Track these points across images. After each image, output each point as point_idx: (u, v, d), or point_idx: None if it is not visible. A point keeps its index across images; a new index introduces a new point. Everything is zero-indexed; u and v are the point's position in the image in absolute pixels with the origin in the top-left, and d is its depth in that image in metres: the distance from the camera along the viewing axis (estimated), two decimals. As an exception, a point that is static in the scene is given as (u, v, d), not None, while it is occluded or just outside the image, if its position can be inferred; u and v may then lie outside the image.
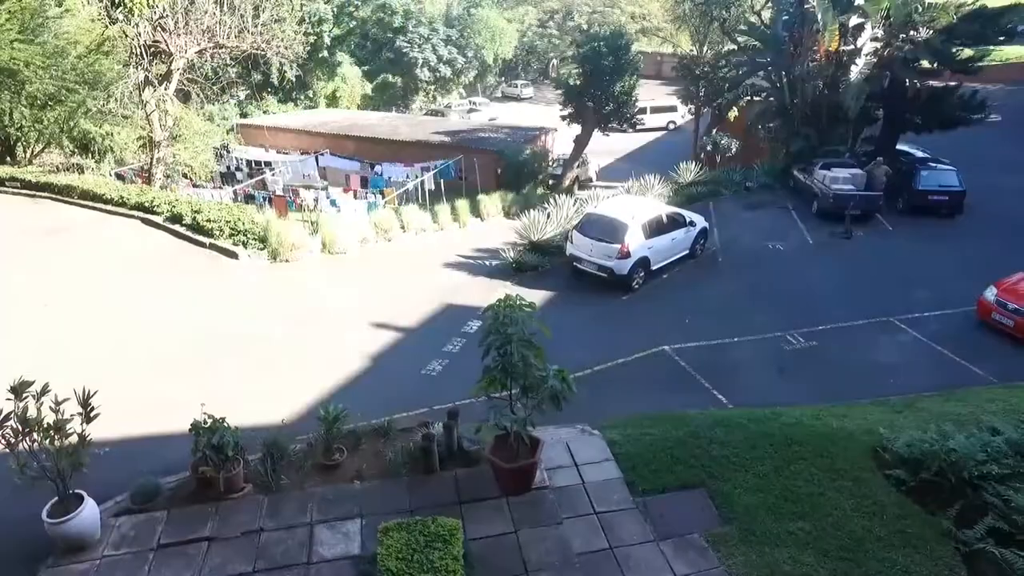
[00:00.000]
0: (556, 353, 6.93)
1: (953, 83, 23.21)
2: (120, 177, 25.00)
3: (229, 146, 31.11)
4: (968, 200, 20.51)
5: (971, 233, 19.26)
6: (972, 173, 21.62)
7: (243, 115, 36.30)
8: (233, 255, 17.23)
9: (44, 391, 5.98)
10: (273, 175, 27.54)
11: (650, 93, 44.01)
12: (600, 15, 57.06)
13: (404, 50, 44.80)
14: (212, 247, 17.59)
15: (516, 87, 59.55)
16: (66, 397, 6.03)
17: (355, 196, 23.90)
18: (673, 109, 42.84)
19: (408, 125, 34.28)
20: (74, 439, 6.08)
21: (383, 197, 23.54)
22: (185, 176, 26.50)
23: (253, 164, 29.61)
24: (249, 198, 24.73)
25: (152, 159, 24.90)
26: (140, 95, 24.00)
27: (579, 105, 27.20)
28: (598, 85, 26.30)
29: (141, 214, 19.50)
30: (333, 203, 22.89)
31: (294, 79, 36.11)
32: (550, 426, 7.90)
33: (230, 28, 26.73)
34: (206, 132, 28.54)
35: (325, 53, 39.19)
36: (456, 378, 10.98)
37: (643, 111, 31.11)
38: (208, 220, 17.93)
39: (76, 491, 6.34)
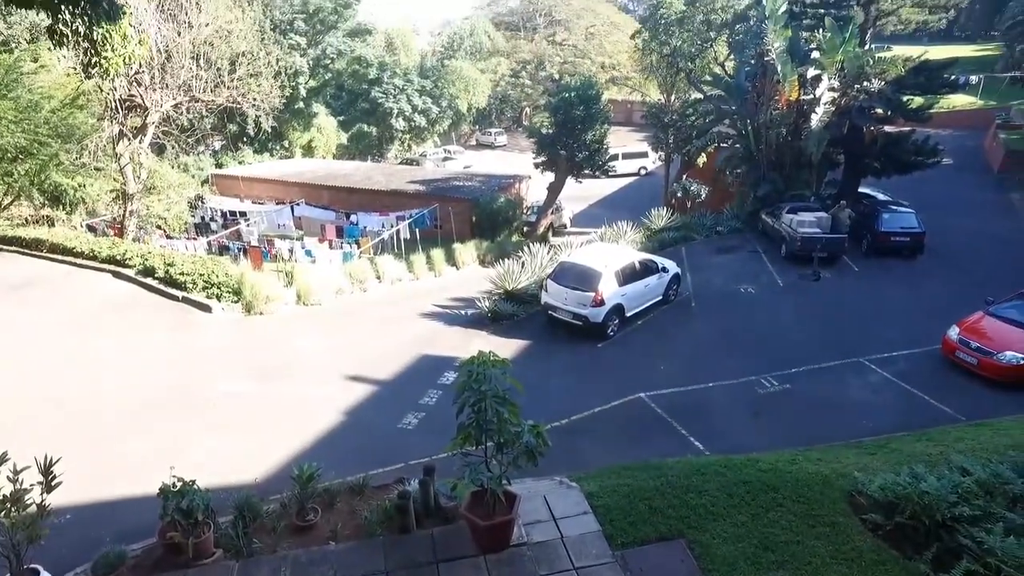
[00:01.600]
0: (532, 403, 6.94)
1: (907, 129, 24.39)
2: (92, 229, 24.77)
3: (204, 197, 31.09)
4: (928, 241, 21.23)
5: (932, 273, 19.87)
6: (930, 214, 22.44)
7: (218, 165, 36.37)
8: (206, 308, 17.05)
9: (1, 460, 5.79)
10: (248, 225, 27.51)
11: (621, 140, 45.21)
12: (571, 65, 58.82)
13: (379, 100, 45.54)
14: (185, 300, 17.42)
15: (490, 135, 60.64)
16: (26, 465, 5.84)
17: (330, 246, 23.91)
18: (644, 155, 43.90)
19: (383, 174, 34.60)
20: (32, 510, 5.84)
21: (358, 247, 23.60)
22: (159, 228, 26.35)
23: (228, 214, 29.57)
24: (223, 249, 24.62)
25: (125, 211, 24.78)
26: (114, 148, 24.01)
27: (552, 153, 27.76)
28: (570, 134, 26.92)
29: (112, 267, 19.31)
30: (308, 253, 22.87)
31: (270, 130, 36.42)
32: (528, 479, 7.84)
33: (206, 82, 27.05)
34: (181, 183, 28.54)
35: (301, 104, 39.66)
36: (432, 431, 10.88)
37: (615, 157, 31.83)
38: (181, 273, 17.80)
39: (31, 566, 6.05)
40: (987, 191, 29.80)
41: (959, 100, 43.53)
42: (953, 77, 24.02)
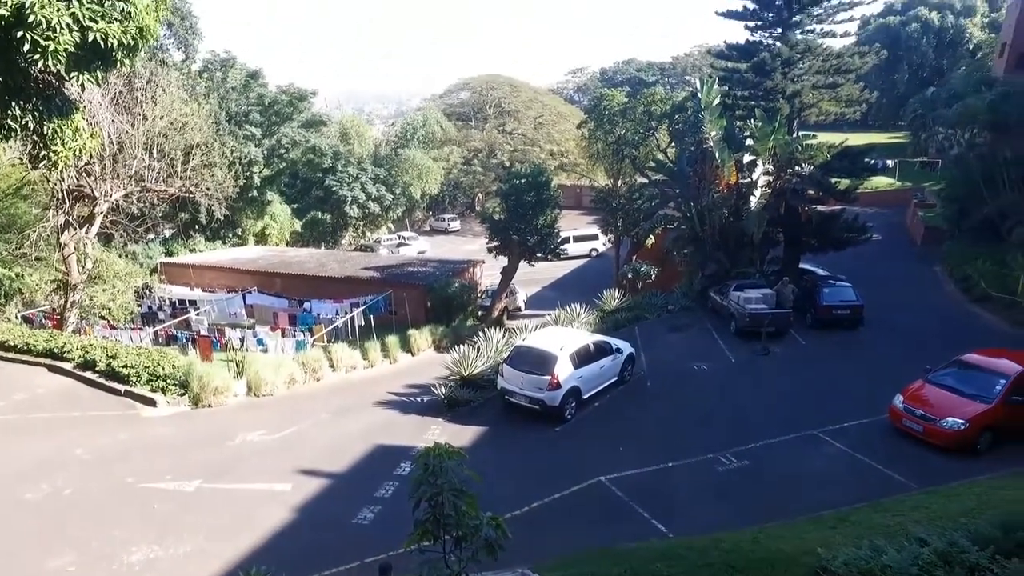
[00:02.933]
0: (491, 492, 6.79)
1: (838, 208, 26.02)
2: (28, 321, 23.79)
3: (152, 286, 30.36)
4: (866, 312, 22.23)
5: (873, 343, 20.69)
6: (865, 287, 23.61)
7: (168, 254, 35.77)
8: (151, 402, 16.35)
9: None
10: (198, 314, 26.85)
11: (572, 223, 46.56)
12: (521, 153, 61.10)
13: (333, 188, 46.07)
14: (127, 394, 16.69)
15: (444, 221, 61.66)
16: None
17: (283, 334, 23.43)
18: (595, 237, 45.17)
19: (337, 261, 34.56)
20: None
21: (312, 335, 23.21)
22: (102, 318, 25.48)
23: (177, 303, 28.85)
24: (171, 339, 23.85)
25: (66, 302, 23.95)
26: (58, 238, 23.47)
27: (505, 238, 28.32)
28: (522, 219, 27.61)
29: (49, 361, 18.48)
30: (260, 342, 22.35)
31: (223, 218, 36.27)
32: (487, 573, 7.55)
33: (159, 173, 27.04)
34: (128, 273, 27.89)
35: (255, 193, 39.78)
36: (389, 526, 10.45)
37: (566, 240, 32.63)
38: (125, 366, 17.13)
39: None
40: (913, 264, 31.68)
41: (880, 181, 46.80)
42: (872, 161, 26.04)
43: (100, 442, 14.15)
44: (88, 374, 17.69)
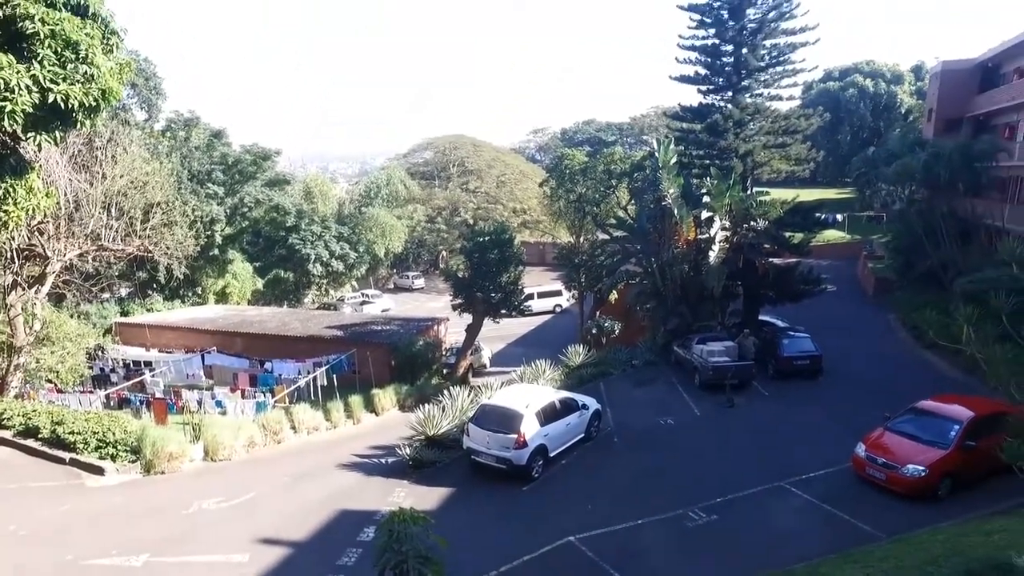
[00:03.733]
0: (458, 556, 6.59)
1: (793, 261, 26.93)
2: (-34, 388, 22.60)
3: (105, 347, 29.32)
4: (825, 362, 22.75)
5: (833, 392, 21.08)
6: (823, 337, 24.22)
7: (124, 313, 34.72)
8: (98, 471, 15.56)
9: None
10: (153, 376, 25.98)
11: (536, 279, 46.97)
12: (484, 211, 61.95)
13: (297, 247, 45.79)
14: (73, 463, 15.87)
15: (408, 278, 61.58)
16: None
17: (243, 396, 22.79)
18: (559, 293, 45.57)
19: (300, 320, 34.05)
20: None
21: (273, 396, 22.62)
22: (49, 382, 24.38)
23: (132, 365, 27.90)
24: (124, 402, 22.95)
25: (9, 366, 22.89)
26: (4, 298, 22.63)
27: (469, 295, 28.40)
28: (486, 276, 27.80)
29: (-12, 430, 17.48)
30: (219, 404, 21.66)
31: (182, 277, 35.58)
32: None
33: (117, 232, 26.51)
34: (80, 334, 26.91)
35: (216, 251, 39.25)
36: (352, 595, 10.00)
37: (530, 297, 32.88)
38: (71, 432, 16.33)
39: None
40: (867, 313, 32.76)
41: (831, 235, 48.83)
42: (823, 216, 27.20)
43: (39, 516, 13.34)
44: (30, 442, 16.80)
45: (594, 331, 30.84)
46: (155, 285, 37.41)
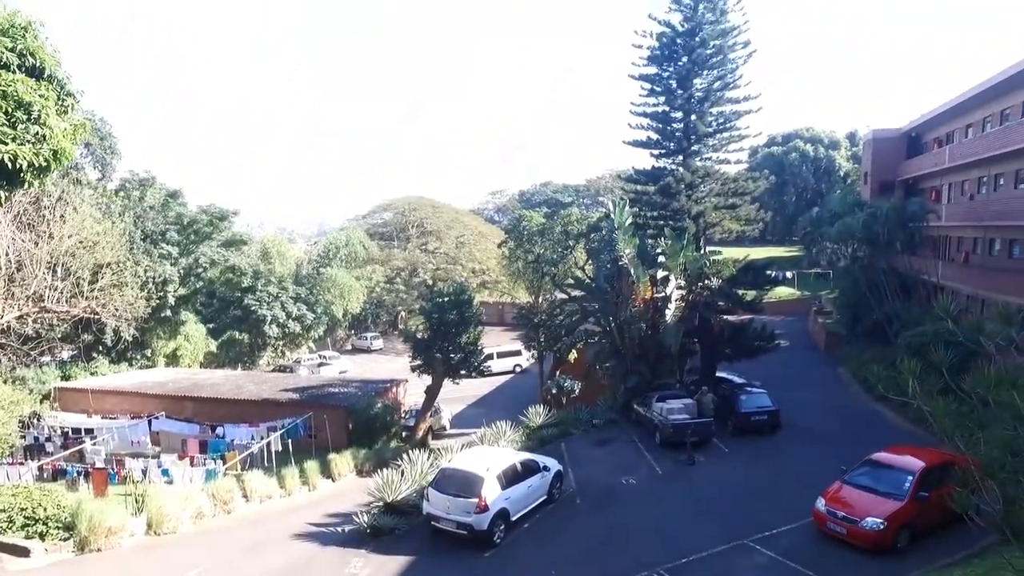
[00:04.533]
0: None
1: (747, 318, 27.64)
2: None
3: (41, 414, 27.79)
4: (783, 416, 23.15)
5: (791, 446, 21.38)
6: (779, 392, 24.71)
7: (65, 377, 33.10)
8: (23, 552, 14.47)
9: None
10: (94, 444, 24.63)
11: (495, 339, 46.88)
12: (443, 271, 62.09)
13: (252, 308, 44.86)
14: (-3, 544, 14.76)
15: (366, 339, 60.73)
16: None
17: (192, 463, 21.78)
18: (518, 353, 45.48)
19: (254, 383, 33.06)
20: None
21: (224, 463, 21.68)
22: (-27, 454, 22.85)
23: (71, 433, 26.44)
24: (60, 473, 21.65)
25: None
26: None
27: (428, 356, 28.17)
28: (445, 337, 27.69)
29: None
30: (165, 473, 20.62)
31: (131, 339, 34.32)
32: None
33: (62, 293, 25.64)
34: (14, 401, 25.49)
35: (168, 312, 38.12)
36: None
37: (490, 357, 32.68)
38: (-4, 510, 15.24)
39: None
40: (819, 367, 33.64)
41: (782, 291, 50.52)
42: (773, 274, 28.16)
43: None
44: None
45: (554, 391, 30.76)
46: (101, 348, 36.00)
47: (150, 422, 26.72)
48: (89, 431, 26.24)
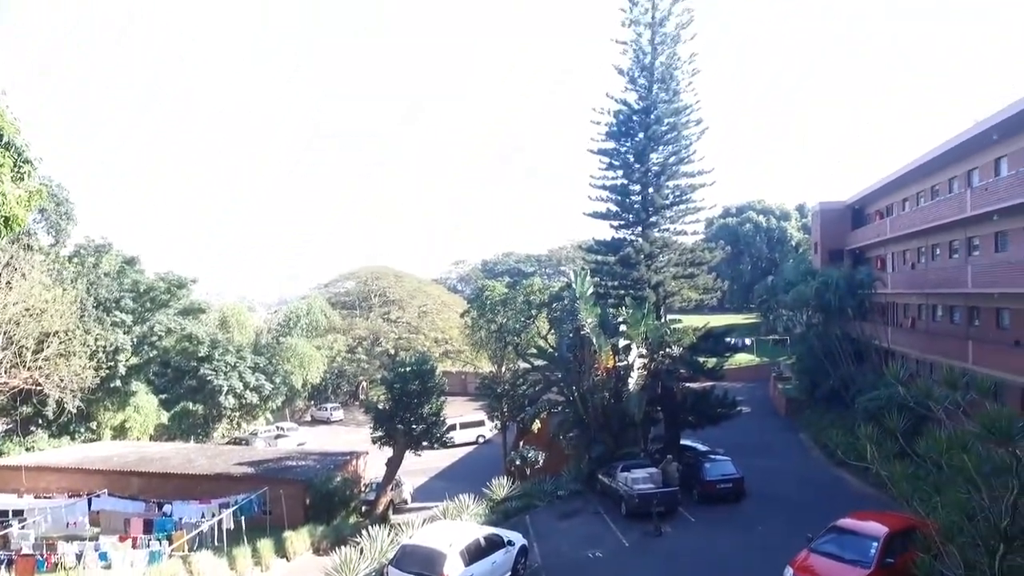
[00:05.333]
0: None
1: (709, 385, 27.97)
2: None
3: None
4: (747, 484, 23.14)
5: (757, 514, 21.29)
6: (742, 459, 24.81)
7: (-3, 454, 31.27)
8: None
9: None
10: (22, 527, 23.01)
11: (458, 410, 46.21)
12: (406, 341, 61.54)
13: (208, 378, 43.52)
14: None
15: (326, 410, 59.18)
16: None
17: (134, 545, 20.51)
18: (481, 424, 44.82)
19: (207, 456, 31.71)
20: None
21: (170, 543, 20.48)
22: None
23: (-3, 515, 24.72)
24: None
25: None
26: None
27: (389, 427, 27.61)
28: (407, 408, 27.28)
29: None
30: (103, 557, 19.37)
31: (75, 411, 32.75)
32: None
33: (1, 363, 24.55)
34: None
35: (118, 383, 36.67)
36: None
37: (452, 428, 32.21)
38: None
39: None
40: (781, 433, 33.98)
41: (742, 358, 51.40)
42: (733, 341, 28.80)
43: None
44: None
45: (518, 462, 30.26)
46: (41, 421, 34.21)
47: (90, 501, 25.24)
48: (18, 513, 24.59)
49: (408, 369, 27.66)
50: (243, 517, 22.62)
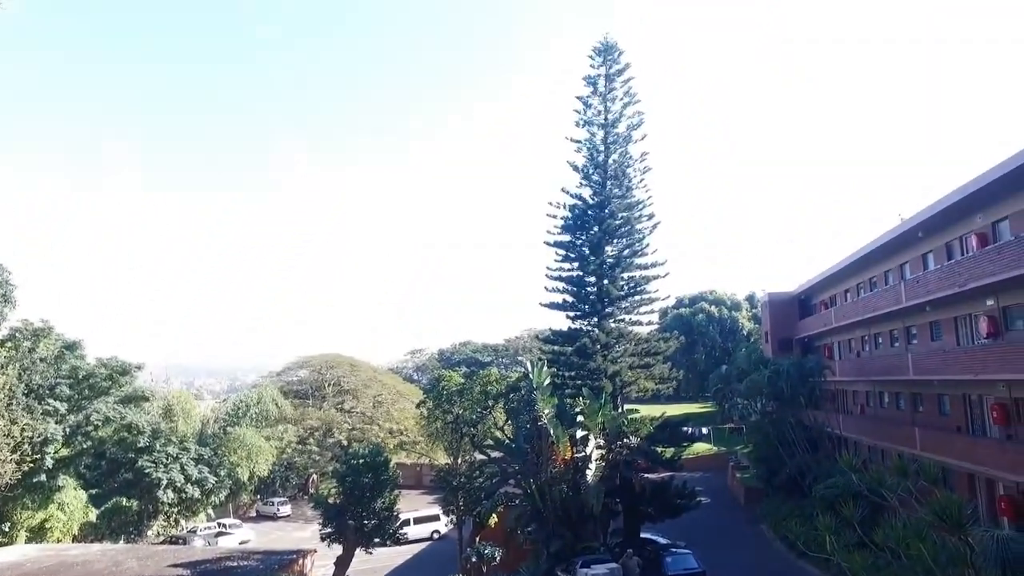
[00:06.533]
0: None
1: (667, 475, 27.74)
2: None
3: None
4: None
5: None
6: (703, 550, 24.35)
7: None
8: None
9: None
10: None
11: (412, 503, 44.44)
12: (359, 431, 59.70)
13: (147, 470, 40.94)
14: None
15: (273, 505, 56.09)
16: None
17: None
18: (436, 518, 42.98)
19: (137, 558, 29.32)
20: None
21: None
22: None
23: None
24: None
25: None
26: None
27: (340, 523, 26.35)
28: (359, 502, 26.22)
29: None
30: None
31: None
32: None
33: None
34: None
35: (43, 477, 34.14)
36: None
37: (406, 523, 30.86)
38: None
39: None
40: (741, 524, 33.57)
41: (700, 447, 51.42)
42: (690, 431, 28.95)
43: None
44: None
45: (474, 559, 28.92)
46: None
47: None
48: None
49: (361, 461, 26.75)
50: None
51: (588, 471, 24.62)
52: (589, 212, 32.30)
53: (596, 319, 32.14)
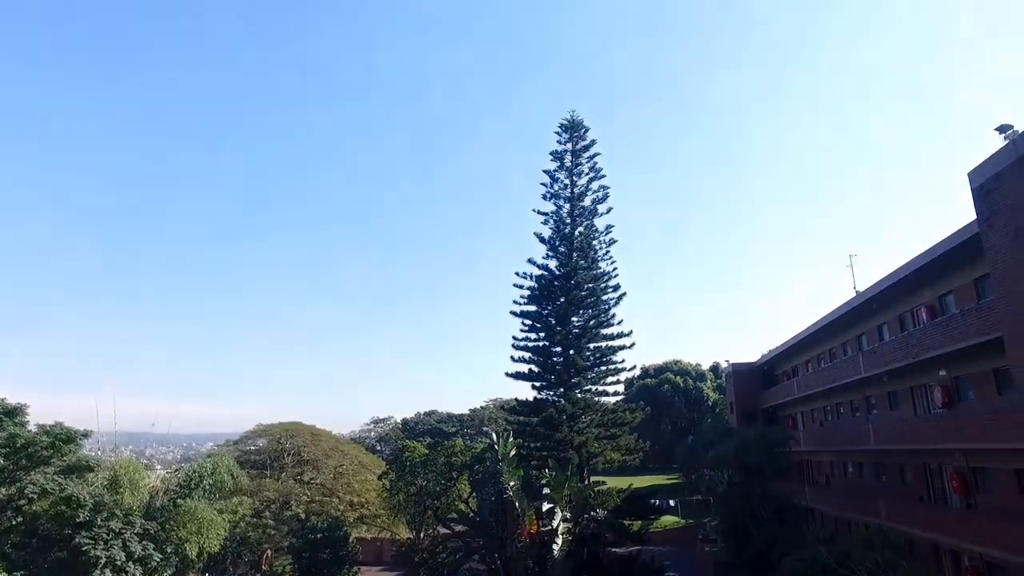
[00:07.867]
0: None
1: (635, 549, 27.12)
2: None
3: None
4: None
5: None
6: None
7: None
8: None
9: None
10: None
11: (372, 582, 42.39)
12: (318, 504, 57.26)
13: (84, 547, 38.25)
14: None
15: (222, 584, 52.86)
16: None
17: None
18: (398, 597, 41.09)
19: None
20: None
21: None
22: None
23: None
24: None
25: None
26: None
27: (295, 603, 24.93)
28: (316, 579, 24.94)
29: None
30: None
31: None
32: None
33: None
34: None
35: (-40, 531, 31.69)
36: None
37: (366, 603, 29.28)
38: None
39: None
40: (711, 602, 32.52)
41: (667, 520, 50.56)
42: (658, 503, 28.55)
43: None
44: None
45: (437, 643, 27.61)
46: None
47: None
48: None
49: (318, 536, 25.71)
50: None
51: (555, 546, 23.96)
52: (556, 283, 32.70)
53: (562, 389, 32.02)
